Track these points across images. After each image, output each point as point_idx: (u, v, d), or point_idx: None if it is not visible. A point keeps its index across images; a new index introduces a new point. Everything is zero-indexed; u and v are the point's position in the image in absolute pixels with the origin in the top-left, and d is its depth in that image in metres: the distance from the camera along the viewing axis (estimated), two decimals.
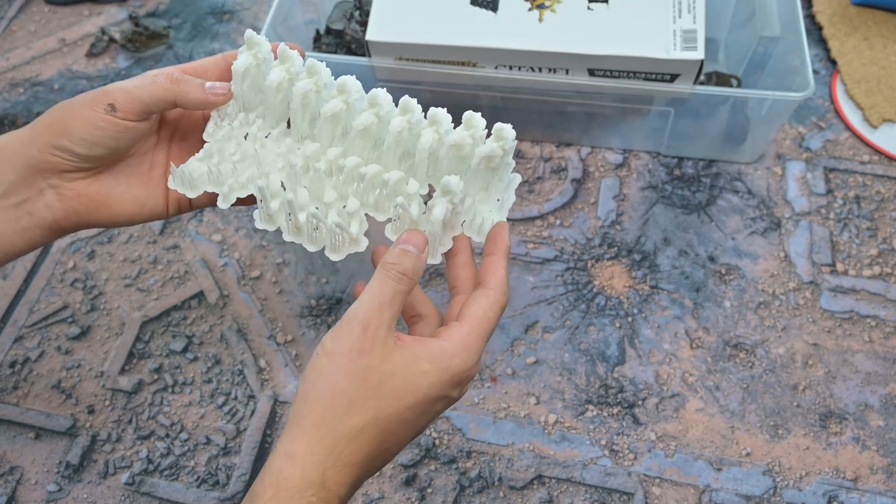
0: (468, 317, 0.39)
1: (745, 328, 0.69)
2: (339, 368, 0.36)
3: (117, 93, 0.42)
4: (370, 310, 0.37)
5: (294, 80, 0.46)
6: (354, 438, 0.35)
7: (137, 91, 0.43)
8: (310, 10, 0.86)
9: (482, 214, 0.46)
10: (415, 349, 0.37)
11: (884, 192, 0.77)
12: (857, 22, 0.89)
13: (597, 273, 0.72)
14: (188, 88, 0.44)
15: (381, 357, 0.36)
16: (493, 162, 0.44)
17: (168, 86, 0.44)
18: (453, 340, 0.38)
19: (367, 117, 0.45)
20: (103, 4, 0.97)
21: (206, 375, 0.67)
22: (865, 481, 0.61)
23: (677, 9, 0.70)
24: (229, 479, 0.62)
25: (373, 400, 0.36)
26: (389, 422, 0.36)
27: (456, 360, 0.38)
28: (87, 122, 0.42)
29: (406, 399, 0.36)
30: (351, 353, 0.36)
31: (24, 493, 0.62)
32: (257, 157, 0.46)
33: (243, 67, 0.45)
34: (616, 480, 0.61)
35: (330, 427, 0.35)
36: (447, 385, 0.38)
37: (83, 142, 0.42)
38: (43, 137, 0.42)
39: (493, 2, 0.72)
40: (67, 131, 0.42)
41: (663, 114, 0.76)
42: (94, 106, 0.42)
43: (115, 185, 0.45)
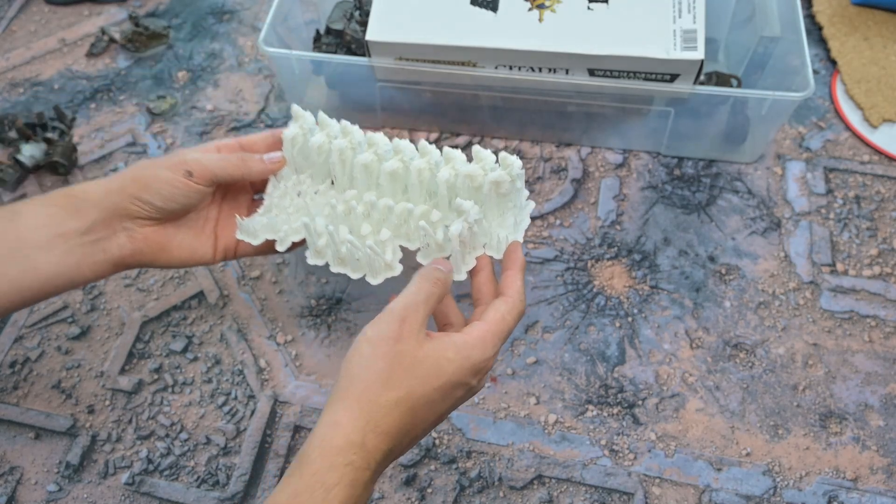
0: (487, 318, 0.46)
1: (745, 328, 0.69)
2: (378, 352, 0.42)
3: (195, 164, 0.52)
4: (407, 307, 0.44)
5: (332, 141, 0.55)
6: (390, 410, 0.41)
7: (211, 164, 0.53)
8: (310, 10, 0.86)
9: (499, 235, 0.52)
10: (442, 341, 0.44)
11: (884, 192, 0.77)
12: (857, 22, 0.89)
13: (597, 273, 0.72)
14: (252, 164, 0.55)
15: (414, 345, 0.43)
16: (501, 188, 0.51)
17: (238, 164, 0.54)
18: (474, 335, 0.45)
19: (393, 163, 0.53)
20: (103, 4, 0.97)
21: (206, 375, 0.67)
22: (865, 481, 0.61)
23: (677, 9, 0.70)
24: (229, 479, 0.62)
25: (406, 379, 0.42)
26: (419, 399, 0.43)
27: (475, 351, 0.44)
28: (166, 183, 0.52)
29: (433, 381, 0.43)
30: (388, 340, 0.43)
31: (24, 493, 0.62)
32: (307, 207, 0.56)
33: (292, 136, 0.56)
34: (616, 480, 0.61)
35: (370, 399, 0.41)
36: (468, 373, 0.44)
37: (161, 197, 0.52)
38: (128, 189, 0.51)
39: (493, 2, 0.72)
40: (149, 187, 0.51)
41: (663, 114, 0.76)
42: (174, 170, 0.52)
43: (176, 234, 0.55)
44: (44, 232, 0.49)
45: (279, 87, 0.87)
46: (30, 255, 0.49)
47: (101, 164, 0.81)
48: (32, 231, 0.49)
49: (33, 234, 0.49)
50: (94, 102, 0.87)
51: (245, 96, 0.87)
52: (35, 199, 0.51)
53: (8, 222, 0.49)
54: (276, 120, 0.85)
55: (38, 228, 0.49)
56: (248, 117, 0.85)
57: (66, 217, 0.50)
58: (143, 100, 0.87)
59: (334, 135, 0.56)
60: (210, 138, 0.83)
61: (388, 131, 0.83)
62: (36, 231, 0.49)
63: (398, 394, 0.42)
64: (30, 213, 0.50)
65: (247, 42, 0.92)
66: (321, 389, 0.66)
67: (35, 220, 0.50)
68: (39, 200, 0.51)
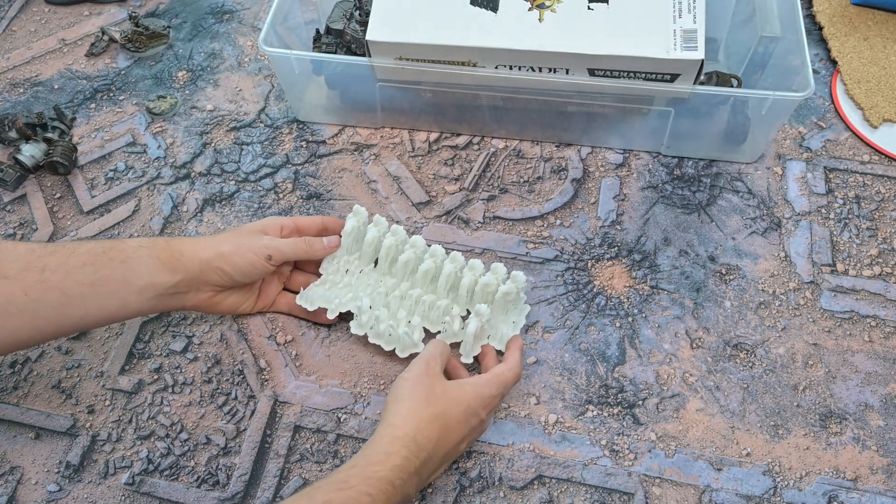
0: (492, 370, 0.61)
1: (745, 328, 0.69)
2: (417, 382, 0.57)
3: (275, 250, 0.64)
4: (429, 357, 0.59)
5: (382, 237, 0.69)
6: (431, 422, 0.55)
7: (287, 249, 0.65)
8: (310, 10, 0.86)
9: (502, 331, 0.67)
10: (459, 381, 0.59)
11: (884, 192, 0.77)
12: (857, 22, 0.89)
13: (597, 273, 0.72)
14: (316, 248, 0.68)
15: (440, 380, 0.58)
16: (510, 297, 0.66)
17: (306, 248, 0.67)
18: (484, 378, 0.60)
19: (428, 264, 0.67)
20: (103, 4, 0.97)
21: (206, 375, 0.67)
22: (865, 481, 0.61)
23: (677, 9, 0.70)
24: (229, 479, 0.62)
25: (440, 400, 0.56)
26: (450, 418, 0.56)
27: (486, 388, 0.59)
28: (249, 263, 0.63)
29: (459, 405, 0.57)
30: (422, 376, 0.57)
31: (24, 493, 0.62)
32: (355, 285, 0.69)
33: (351, 228, 0.68)
34: (616, 480, 0.61)
35: (416, 411, 0.55)
36: (480, 403, 0.58)
37: (241, 273, 0.63)
38: (216, 262, 0.62)
39: (493, 2, 0.72)
40: (234, 265, 0.62)
41: (663, 114, 0.76)
42: (258, 254, 0.63)
43: (232, 296, 0.66)
44: (145, 279, 0.59)
45: (279, 87, 0.87)
46: (128, 296, 0.59)
47: (101, 164, 0.81)
48: (136, 276, 0.59)
49: (136, 278, 0.59)
50: (94, 102, 0.87)
51: (245, 96, 0.87)
52: (143, 245, 0.60)
53: (120, 264, 0.58)
54: (275, 119, 0.85)
55: (141, 275, 0.59)
56: (247, 117, 0.85)
57: (164, 271, 0.60)
58: (143, 100, 0.87)
59: (383, 230, 0.69)
60: (210, 138, 0.83)
61: (388, 131, 0.83)
62: (139, 277, 0.59)
63: (435, 410, 0.55)
64: (138, 259, 0.59)
65: (247, 42, 0.92)
66: (321, 389, 0.66)
67: (140, 266, 0.59)
68: (147, 248, 0.60)
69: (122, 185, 0.80)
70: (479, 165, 0.80)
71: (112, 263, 0.58)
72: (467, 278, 0.67)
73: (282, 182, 0.79)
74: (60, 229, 0.77)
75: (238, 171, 0.80)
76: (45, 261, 0.56)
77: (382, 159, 0.81)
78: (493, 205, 0.77)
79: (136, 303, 0.59)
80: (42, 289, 0.55)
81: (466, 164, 0.80)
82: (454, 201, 0.78)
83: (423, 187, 0.79)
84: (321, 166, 0.81)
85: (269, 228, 0.66)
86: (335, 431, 0.64)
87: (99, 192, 0.79)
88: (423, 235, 0.75)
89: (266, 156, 0.82)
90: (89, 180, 0.80)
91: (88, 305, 0.57)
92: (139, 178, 0.80)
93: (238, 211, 0.77)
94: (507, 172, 0.80)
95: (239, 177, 0.80)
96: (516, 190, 0.78)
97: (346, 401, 0.66)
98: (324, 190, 0.79)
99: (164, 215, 0.77)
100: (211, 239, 0.63)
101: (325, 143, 0.83)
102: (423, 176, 0.80)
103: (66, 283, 0.56)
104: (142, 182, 0.80)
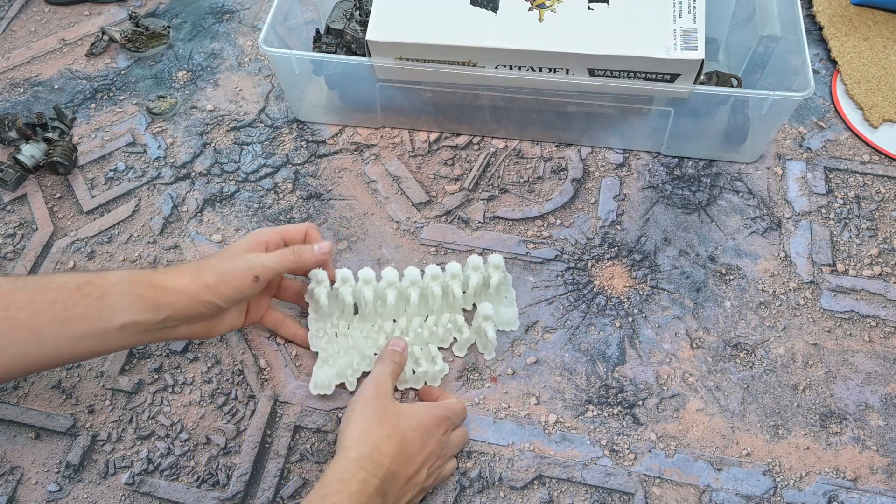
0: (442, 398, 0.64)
1: (745, 328, 0.69)
2: (367, 404, 0.57)
3: (262, 269, 0.60)
4: (380, 376, 0.59)
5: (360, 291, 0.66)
6: (386, 439, 0.54)
7: (274, 265, 0.60)
8: (310, 10, 0.86)
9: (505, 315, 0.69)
10: (412, 403, 0.61)
11: (884, 192, 0.77)
12: (857, 22, 0.89)
13: (597, 273, 0.72)
14: (307, 256, 0.63)
15: (390, 401, 0.58)
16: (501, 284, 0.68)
17: (294, 258, 0.62)
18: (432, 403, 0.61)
19: (415, 295, 0.66)
20: (103, 4, 0.97)
21: (206, 375, 0.67)
22: (865, 481, 0.61)
23: (677, 9, 0.70)
24: (229, 479, 0.62)
25: (393, 418, 0.56)
26: (405, 434, 0.55)
27: (434, 410, 0.59)
28: (236, 290, 0.59)
29: (412, 422, 0.56)
30: (371, 397, 0.57)
31: (24, 493, 0.62)
32: (354, 345, 0.67)
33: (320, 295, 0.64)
34: (616, 480, 0.61)
35: (370, 431, 0.55)
36: (432, 423, 0.58)
37: (229, 300, 0.59)
38: (202, 295, 0.58)
39: (493, 2, 0.72)
40: (221, 293, 0.58)
41: (663, 114, 0.76)
42: (244, 277, 0.59)
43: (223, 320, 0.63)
44: (124, 317, 0.55)
45: (279, 87, 0.87)
46: (105, 334, 0.55)
47: (101, 164, 0.81)
48: (113, 314, 0.55)
49: (114, 316, 0.55)
50: (94, 102, 0.87)
51: (245, 96, 0.87)
52: (122, 282, 0.56)
53: (95, 301, 0.55)
54: (275, 119, 0.85)
55: (120, 313, 0.55)
56: (247, 117, 0.85)
57: (146, 309, 0.56)
58: (143, 100, 0.87)
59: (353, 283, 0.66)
60: (210, 138, 0.83)
61: (388, 131, 0.83)
62: (117, 315, 0.55)
63: (389, 429, 0.55)
64: (117, 295, 0.55)
65: (247, 42, 0.92)
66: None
67: (118, 303, 0.55)
68: (127, 284, 0.56)
69: (122, 185, 0.80)
70: (479, 165, 0.80)
71: (86, 300, 0.55)
72: (458, 289, 0.67)
73: (282, 182, 0.79)
74: (60, 229, 0.77)
75: (238, 171, 0.80)
76: (11, 297, 0.53)
77: (382, 159, 0.81)
78: (493, 205, 0.77)
79: (117, 339, 0.56)
80: (7, 327, 0.52)
81: (466, 164, 0.80)
82: (454, 201, 0.78)
83: (423, 187, 0.79)
84: (321, 166, 0.81)
85: (253, 245, 0.62)
86: (335, 431, 0.64)
87: (99, 192, 0.79)
88: (423, 235, 0.75)
89: (266, 156, 0.82)
90: (89, 180, 0.80)
91: (60, 344, 0.54)
92: (139, 178, 0.80)
93: (238, 211, 0.77)
94: (507, 172, 0.80)
95: (239, 177, 0.80)
96: (516, 190, 0.78)
97: (346, 401, 0.65)
98: (324, 190, 0.79)
99: (164, 215, 0.77)
100: (193, 269, 0.59)
101: (325, 143, 0.83)
102: (423, 176, 0.80)
103: (35, 321, 0.53)
104: (142, 182, 0.80)
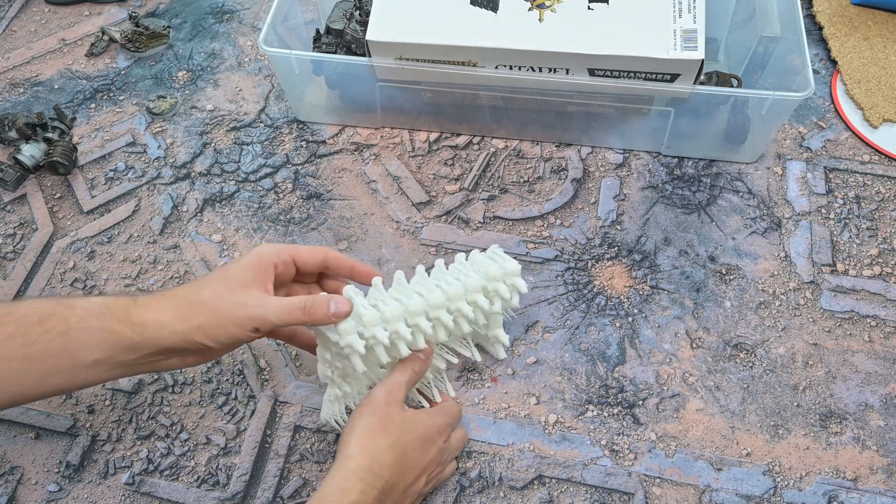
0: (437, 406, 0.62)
1: (745, 328, 0.69)
2: (373, 413, 0.55)
3: (261, 321, 0.52)
4: (392, 383, 0.57)
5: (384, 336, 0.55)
6: (386, 450, 0.54)
7: (276, 318, 0.52)
8: (310, 10, 0.86)
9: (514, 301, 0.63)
10: (415, 410, 0.58)
11: (884, 192, 0.77)
12: (857, 22, 0.89)
13: (597, 273, 0.72)
14: (319, 316, 0.53)
15: (397, 409, 0.56)
16: None
17: (302, 316, 0.53)
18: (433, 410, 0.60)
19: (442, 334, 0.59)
20: (103, 4, 0.97)
21: (206, 375, 0.67)
22: (865, 481, 0.61)
23: (677, 9, 0.70)
24: (229, 479, 0.62)
25: (395, 429, 0.55)
26: (406, 445, 0.55)
27: (436, 417, 0.58)
28: (230, 336, 0.52)
29: (414, 432, 0.56)
30: (379, 404, 0.56)
31: (24, 493, 0.62)
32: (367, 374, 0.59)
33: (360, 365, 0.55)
34: (616, 480, 0.61)
35: (370, 442, 0.54)
36: (434, 431, 0.57)
37: (222, 346, 0.53)
38: (192, 335, 0.51)
39: (493, 2, 0.72)
40: (213, 336, 0.52)
41: (663, 114, 0.76)
42: (242, 326, 0.52)
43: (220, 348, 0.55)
44: (94, 354, 0.50)
45: (279, 87, 0.87)
46: (75, 371, 0.50)
47: (101, 164, 0.81)
48: (82, 351, 0.50)
49: (82, 353, 0.50)
50: (94, 102, 0.87)
51: (245, 96, 0.87)
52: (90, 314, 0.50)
53: (58, 336, 0.49)
54: (275, 119, 0.84)
55: (90, 350, 0.50)
56: (248, 117, 0.85)
57: (121, 347, 0.51)
58: (143, 100, 0.87)
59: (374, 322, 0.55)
60: (210, 138, 0.83)
61: (388, 131, 0.83)
62: (86, 352, 0.50)
63: (390, 440, 0.54)
64: (84, 330, 0.50)
65: (247, 42, 0.92)
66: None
67: (87, 339, 0.50)
68: (96, 317, 0.50)
69: (122, 185, 0.80)
70: (479, 165, 0.80)
71: (48, 336, 0.49)
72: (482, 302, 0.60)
73: (282, 182, 0.79)
74: (60, 229, 0.77)
75: (238, 171, 0.80)
76: None
77: (382, 159, 0.81)
78: (493, 205, 0.77)
79: (91, 376, 0.51)
80: None
81: (466, 164, 0.80)
82: (454, 201, 0.78)
83: (423, 187, 0.79)
84: (321, 166, 0.81)
85: (259, 272, 0.54)
86: (335, 431, 0.64)
87: (99, 192, 0.79)
88: (423, 235, 0.75)
89: (266, 156, 0.82)
90: (89, 180, 0.80)
91: (23, 382, 0.50)
92: (139, 178, 0.80)
93: (238, 211, 0.77)
94: (507, 172, 0.80)
95: (239, 177, 0.80)
96: (516, 190, 0.78)
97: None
98: (324, 190, 0.79)
99: (164, 215, 0.77)
100: (182, 304, 0.53)
101: (325, 143, 0.83)
102: (423, 176, 0.80)
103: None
104: (142, 182, 0.80)
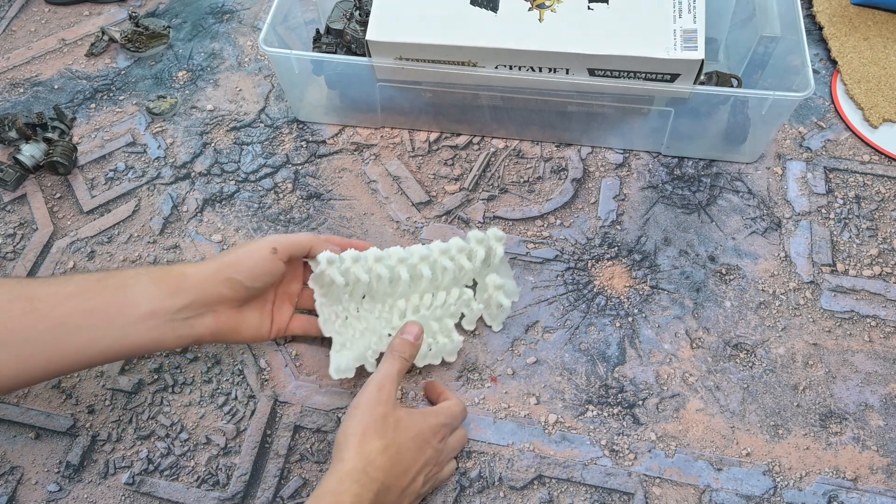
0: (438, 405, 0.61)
1: (745, 328, 0.69)
2: (366, 413, 0.55)
3: (276, 241, 0.59)
4: (383, 377, 0.57)
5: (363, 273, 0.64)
6: (381, 452, 0.53)
7: (286, 239, 0.60)
8: (310, 10, 0.86)
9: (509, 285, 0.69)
10: (410, 410, 0.58)
11: (884, 192, 0.77)
12: (857, 22, 0.89)
13: (597, 273, 0.72)
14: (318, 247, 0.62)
15: (391, 407, 0.56)
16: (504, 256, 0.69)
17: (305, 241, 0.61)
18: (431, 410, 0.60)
19: (427, 271, 0.65)
20: (103, 4, 0.97)
21: (206, 375, 0.67)
22: (865, 481, 0.61)
23: (677, 9, 0.70)
24: (229, 479, 0.62)
25: (390, 430, 0.54)
26: (401, 446, 0.55)
27: (432, 418, 0.58)
28: (255, 261, 0.58)
29: (409, 432, 0.55)
30: (372, 403, 0.55)
31: (24, 493, 0.62)
32: (369, 326, 0.65)
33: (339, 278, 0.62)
34: (616, 480, 0.61)
35: (365, 444, 0.53)
36: (430, 432, 0.57)
37: (251, 275, 0.58)
38: (223, 272, 0.57)
39: (493, 2, 0.72)
40: (241, 268, 0.58)
41: (663, 114, 0.76)
42: (261, 249, 0.59)
43: (247, 315, 0.61)
44: (144, 307, 0.54)
45: (279, 87, 0.87)
46: (128, 325, 0.54)
47: (101, 164, 0.81)
48: (134, 306, 0.54)
49: (134, 308, 0.54)
50: (94, 102, 0.87)
51: (245, 96, 0.87)
52: (140, 273, 0.56)
53: (115, 291, 0.54)
54: (275, 119, 0.85)
55: (140, 303, 0.54)
56: (248, 117, 0.85)
57: (167, 296, 0.55)
58: (143, 100, 0.87)
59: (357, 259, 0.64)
60: (210, 138, 0.83)
61: (388, 131, 0.83)
62: (138, 306, 0.54)
63: (385, 441, 0.54)
64: (136, 285, 0.55)
65: (247, 42, 0.92)
66: (321, 389, 0.66)
67: (139, 292, 0.54)
68: (145, 275, 0.56)
69: (122, 185, 0.80)
70: (479, 165, 0.80)
71: (107, 291, 0.54)
72: (464, 259, 0.67)
73: (282, 182, 0.79)
74: (60, 229, 0.77)
75: (238, 171, 0.80)
76: (34, 290, 0.52)
77: (382, 159, 0.81)
78: (493, 205, 0.77)
79: (139, 333, 0.54)
80: (32, 319, 0.51)
81: (466, 164, 0.80)
82: (454, 201, 0.78)
83: (423, 187, 0.79)
84: (321, 166, 0.81)
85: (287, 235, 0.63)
86: (335, 432, 0.64)
87: (99, 192, 0.79)
88: (424, 235, 0.75)
89: (266, 156, 0.82)
90: (89, 180, 0.80)
91: (82, 337, 0.53)
92: (139, 178, 0.80)
93: (238, 211, 0.77)
94: (507, 172, 0.80)
95: (239, 177, 0.80)
96: (516, 190, 0.78)
97: (346, 400, 0.65)
98: (324, 190, 0.79)
99: (164, 215, 0.77)
100: (213, 257, 0.60)
101: (325, 143, 0.83)
102: (423, 176, 0.80)
103: (58, 311, 0.52)
104: (142, 182, 0.80)
